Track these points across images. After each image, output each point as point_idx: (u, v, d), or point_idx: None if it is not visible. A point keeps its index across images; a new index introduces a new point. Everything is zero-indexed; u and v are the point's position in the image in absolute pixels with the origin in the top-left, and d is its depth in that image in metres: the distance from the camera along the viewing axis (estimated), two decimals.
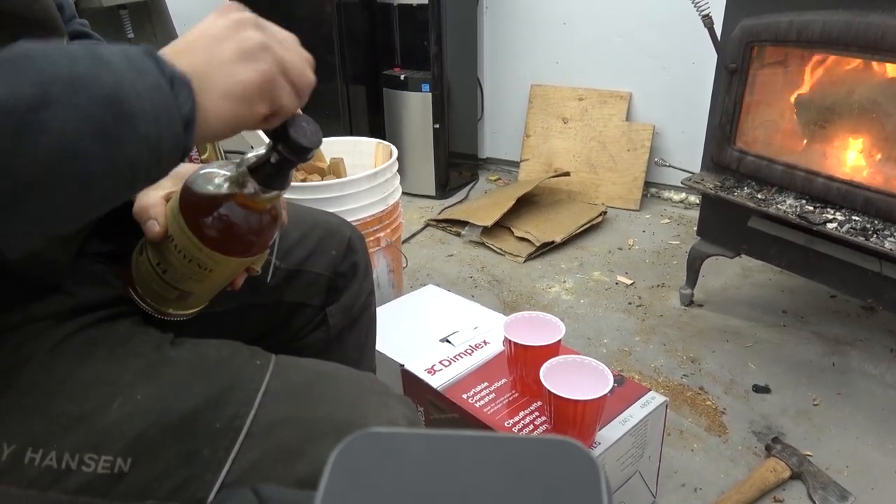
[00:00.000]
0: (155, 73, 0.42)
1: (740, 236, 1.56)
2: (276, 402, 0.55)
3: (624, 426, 0.98)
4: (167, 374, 0.54)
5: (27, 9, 0.53)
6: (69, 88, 0.38)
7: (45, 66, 0.38)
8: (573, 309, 1.78)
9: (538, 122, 2.57)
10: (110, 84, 0.39)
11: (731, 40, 1.44)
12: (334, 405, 0.57)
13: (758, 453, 1.27)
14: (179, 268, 0.58)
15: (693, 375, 1.49)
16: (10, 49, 0.38)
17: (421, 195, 2.56)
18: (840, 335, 1.61)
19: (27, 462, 0.49)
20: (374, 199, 1.49)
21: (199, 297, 0.63)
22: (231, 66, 0.45)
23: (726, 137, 1.52)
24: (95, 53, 0.40)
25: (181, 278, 0.59)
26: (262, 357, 0.59)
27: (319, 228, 0.83)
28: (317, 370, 0.61)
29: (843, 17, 1.24)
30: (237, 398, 0.54)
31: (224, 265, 0.58)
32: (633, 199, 2.39)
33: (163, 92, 0.42)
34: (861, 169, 1.37)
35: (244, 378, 0.56)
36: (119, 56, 0.41)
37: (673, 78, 2.31)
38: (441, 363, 1.12)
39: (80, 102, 0.38)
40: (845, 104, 1.39)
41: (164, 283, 0.60)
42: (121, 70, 0.40)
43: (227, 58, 0.45)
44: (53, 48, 0.40)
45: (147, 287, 0.61)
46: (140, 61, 0.41)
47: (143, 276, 0.61)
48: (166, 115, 0.42)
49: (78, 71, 0.39)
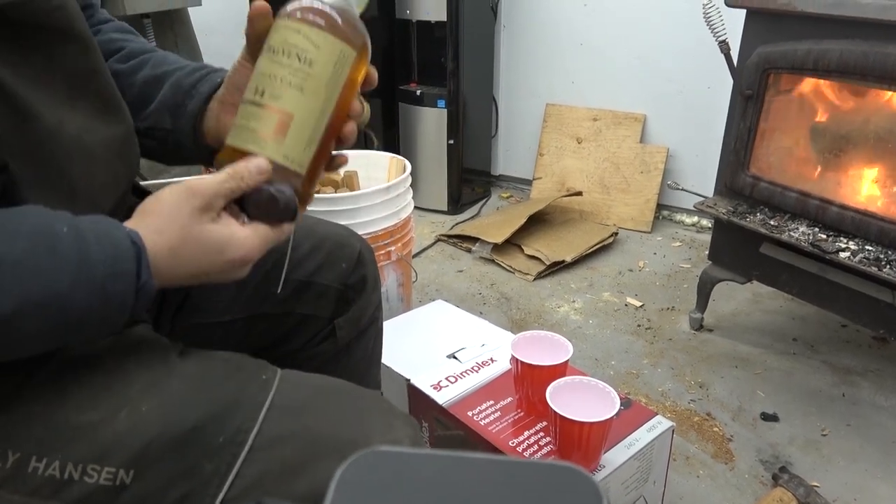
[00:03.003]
0: (127, 291, 0.48)
1: (752, 262, 1.55)
2: (280, 418, 0.55)
3: (629, 450, 0.97)
4: (173, 386, 0.54)
5: (47, 17, 0.53)
6: (34, 310, 0.45)
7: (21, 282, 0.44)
8: (581, 329, 1.77)
9: (552, 142, 2.58)
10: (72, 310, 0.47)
11: (748, 67, 1.44)
12: (338, 423, 0.56)
13: (764, 482, 1.25)
14: (277, 72, 0.54)
15: (701, 401, 1.48)
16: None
17: (433, 210, 2.57)
18: (851, 365, 1.59)
19: (31, 470, 0.49)
20: (386, 213, 1.49)
21: (301, 124, 0.55)
22: (208, 279, 0.54)
23: (740, 163, 1.51)
24: (73, 263, 0.46)
25: (280, 88, 0.54)
26: (268, 372, 0.59)
27: (330, 241, 0.83)
28: (322, 386, 0.61)
29: (861, 48, 1.24)
30: (241, 413, 0.54)
31: (327, 50, 0.55)
32: (644, 220, 2.39)
33: (126, 303, 0.49)
34: (876, 199, 1.36)
35: (249, 393, 0.56)
36: (101, 267, 0.47)
37: (688, 102, 2.31)
38: (447, 379, 1.12)
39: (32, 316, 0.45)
40: (861, 133, 1.39)
41: (259, 109, 0.54)
42: (88, 287, 0.46)
43: (211, 277, 0.54)
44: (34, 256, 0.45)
45: (242, 128, 0.55)
46: (121, 273, 0.48)
47: (240, 117, 0.56)
48: (119, 314, 0.49)
49: (51, 290, 0.45)
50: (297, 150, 0.55)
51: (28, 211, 0.47)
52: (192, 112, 0.68)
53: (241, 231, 0.54)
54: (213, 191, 0.53)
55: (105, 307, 0.47)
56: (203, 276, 0.54)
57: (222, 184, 0.53)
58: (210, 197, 0.52)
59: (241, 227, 0.54)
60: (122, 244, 0.48)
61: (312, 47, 0.55)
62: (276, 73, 0.55)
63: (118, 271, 0.47)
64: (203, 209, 0.52)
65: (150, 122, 0.69)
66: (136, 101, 0.69)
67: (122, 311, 0.49)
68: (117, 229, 0.49)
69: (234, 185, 0.53)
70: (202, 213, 0.52)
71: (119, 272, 0.47)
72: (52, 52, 0.54)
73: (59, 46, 0.55)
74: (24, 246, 0.44)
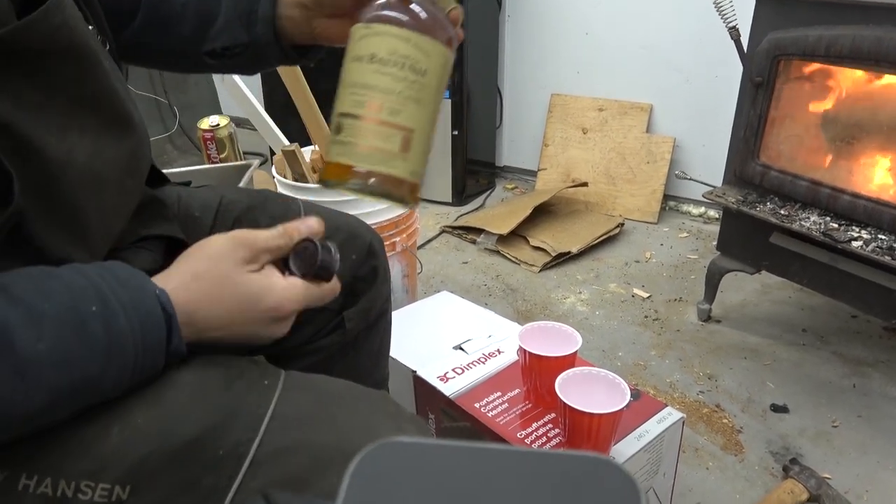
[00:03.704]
0: (157, 361, 0.49)
1: (761, 252, 1.53)
2: (283, 427, 0.52)
3: (639, 442, 0.96)
4: (169, 397, 0.51)
5: (50, 40, 0.49)
6: (68, 397, 0.45)
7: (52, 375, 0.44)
8: (588, 321, 1.76)
9: (557, 132, 2.56)
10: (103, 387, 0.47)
11: (758, 53, 1.42)
12: (344, 431, 0.53)
13: (775, 474, 1.24)
14: (393, 86, 0.52)
15: (710, 392, 1.47)
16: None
17: (437, 201, 2.55)
18: (861, 356, 1.57)
19: (21, 489, 0.47)
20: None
21: (420, 137, 0.55)
22: (244, 332, 0.55)
23: (750, 151, 1.49)
24: (101, 346, 0.46)
25: (398, 103, 0.53)
26: (270, 377, 0.55)
27: (341, 232, 0.82)
28: (327, 391, 0.58)
29: (874, 33, 1.21)
30: (242, 423, 0.51)
31: (435, 57, 0.54)
32: (651, 211, 2.37)
33: (157, 368, 0.49)
34: (888, 187, 1.34)
35: (250, 402, 0.53)
36: (130, 339, 0.47)
37: (695, 91, 2.28)
38: (454, 371, 1.10)
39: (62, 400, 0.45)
40: (873, 121, 1.36)
41: (378, 127, 0.52)
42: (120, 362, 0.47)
43: (247, 329, 0.54)
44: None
45: (369, 149, 0.53)
46: (151, 342, 0.48)
47: (348, 133, 0.54)
48: (149, 378, 0.50)
49: (71, 380, 0.45)
50: (420, 162, 0.55)
51: (53, 288, 0.45)
52: (267, 17, 0.66)
53: (281, 281, 0.55)
54: (262, 246, 0.54)
55: (134, 377, 0.48)
56: (239, 325, 0.54)
57: (273, 240, 0.55)
58: (258, 251, 0.54)
59: (282, 278, 0.55)
60: (152, 314, 0.48)
61: (424, 57, 0.53)
62: (391, 87, 0.52)
63: (148, 345, 0.48)
64: (248, 261, 0.54)
65: (222, 40, 0.67)
66: (197, 24, 0.67)
67: (152, 375, 0.50)
68: (147, 296, 0.48)
69: (284, 242, 0.55)
70: (246, 263, 0.53)
71: (149, 345, 0.48)
72: (55, 75, 0.51)
73: (63, 68, 0.51)
74: (53, 333, 0.43)
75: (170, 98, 2.95)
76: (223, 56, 0.68)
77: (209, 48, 0.68)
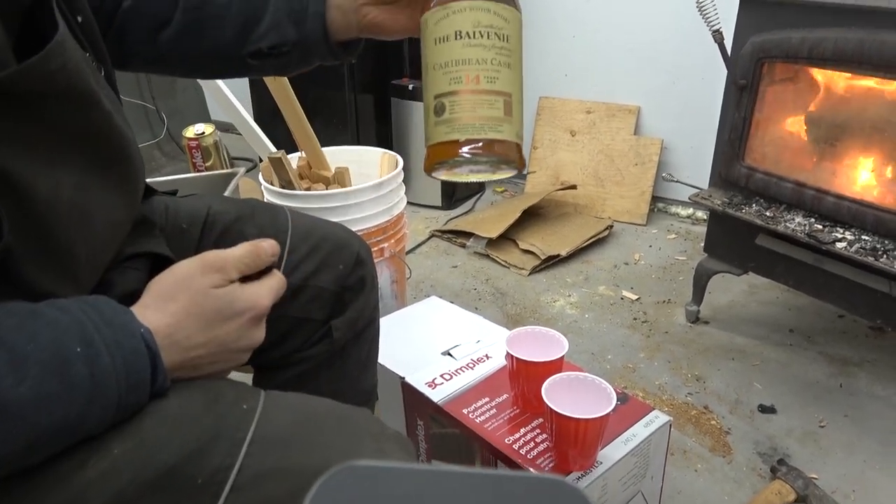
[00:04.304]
0: (141, 399, 0.49)
1: (748, 254, 1.54)
2: (263, 451, 0.51)
3: (626, 445, 0.96)
4: (146, 425, 0.50)
5: (48, 83, 0.47)
6: (49, 439, 0.44)
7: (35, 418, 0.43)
8: (577, 323, 1.76)
9: (546, 135, 2.57)
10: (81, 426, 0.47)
11: (742, 56, 1.43)
12: (326, 453, 0.52)
13: (763, 475, 1.24)
14: (485, 56, 0.54)
15: (698, 394, 1.47)
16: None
17: (427, 205, 2.55)
18: (848, 356, 1.59)
19: None
20: (378, 210, 1.48)
21: (517, 99, 0.57)
22: (226, 347, 0.56)
23: (735, 154, 1.50)
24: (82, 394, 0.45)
25: (493, 71, 0.54)
26: (249, 399, 0.54)
27: (328, 242, 0.81)
28: (308, 412, 0.56)
29: (857, 35, 1.22)
30: (221, 449, 0.50)
31: (513, 21, 0.56)
32: (640, 213, 2.38)
33: (141, 404, 0.49)
34: (872, 188, 1.35)
35: (229, 426, 0.51)
36: (112, 380, 0.46)
37: (682, 93, 2.30)
38: (442, 377, 1.11)
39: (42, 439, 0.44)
40: (856, 122, 1.38)
41: (486, 95, 0.54)
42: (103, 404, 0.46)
43: (229, 341, 0.55)
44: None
45: (477, 118, 0.54)
46: (134, 379, 0.48)
47: (452, 110, 0.55)
48: (131, 414, 0.49)
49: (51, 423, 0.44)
50: (521, 123, 0.57)
51: (37, 328, 0.45)
52: (318, 14, 0.65)
53: (248, 286, 0.57)
54: (231, 263, 0.56)
55: (118, 415, 0.48)
56: (221, 335, 0.55)
57: (241, 259, 0.57)
58: (228, 269, 0.56)
59: (242, 284, 0.58)
60: (136, 352, 0.48)
61: (504, 23, 0.55)
62: (484, 56, 0.54)
63: (132, 384, 0.47)
64: (219, 279, 0.55)
65: (269, 40, 0.66)
66: (242, 23, 0.66)
67: (135, 412, 0.49)
68: (132, 335, 0.48)
69: (251, 259, 0.58)
70: (217, 281, 0.55)
71: (133, 384, 0.48)
72: (49, 115, 0.50)
73: (59, 108, 0.50)
74: (36, 376, 0.43)
75: (157, 104, 2.93)
76: (269, 56, 0.67)
77: (253, 48, 0.67)
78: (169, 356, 0.51)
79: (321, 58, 0.69)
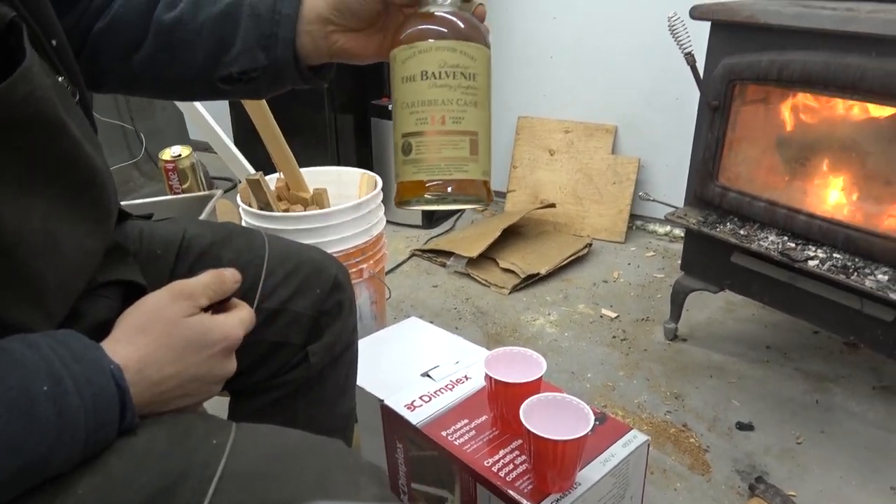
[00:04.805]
0: (109, 437, 0.48)
1: (723, 272, 1.56)
2: (233, 487, 0.49)
3: (605, 466, 0.96)
4: (112, 463, 0.48)
5: (12, 112, 0.46)
6: (14, 480, 0.43)
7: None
8: (557, 342, 1.77)
9: (525, 154, 2.59)
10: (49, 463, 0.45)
11: (714, 78, 1.46)
12: (297, 487, 0.51)
13: (741, 493, 1.25)
14: (450, 96, 0.55)
15: (677, 412, 1.48)
16: None
17: (407, 225, 2.56)
18: (823, 372, 1.61)
19: None
20: (357, 231, 1.48)
21: (483, 137, 0.57)
22: (197, 380, 0.55)
23: (709, 173, 1.53)
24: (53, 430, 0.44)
25: (459, 111, 0.55)
26: (219, 434, 0.53)
27: (306, 266, 0.81)
28: (280, 444, 0.55)
29: (823, 58, 1.26)
30: (189, 486, 0.48)
31: (480, 59, 0.56)
32: (618, 231, 2.40)
33: (109, 441, 0.48)
34: (842, 207, 1.38)
35: (198, 462, 0.50)
36: (81, 425, 0.46)
37: (658, 113, 2.33)
38: (421, 398, 1.10)
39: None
40: (825, 143, 1.41)
41: (451, 136, 0.55)
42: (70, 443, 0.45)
43: (200, 372, 0.55)
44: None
45: (442, 160, 0.55)
46: (104, 419, 0.47)
47: (417, 151, 0.56)
48: (99, 451, 0.48)
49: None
50: (488, 160, 0.58)
51: (4, 365, 0.44)
52: (288, 40, 0.65)
53: (220, 316, 0.58)
54: (200, 291, 0.57)
55: (86, 453, 0.47)
56: (193, 367, 0.54)
57: (208, 286, 0.57)
58: (196, 297, 0.56)
59: (213, 314, 0.58)
60: (105, 389, 0.47)
61: (471, 61, 0.56)
62: (449, 97, 0.55)
63: (101, 422, 0.47)
64: (188, 307, 0.56)
65: (240, 65, 0.66)
66: (212, 47, 0.66)
67: (103, 449, 0.48)
68: (101, 372, 0.48)
69: (217, 287, 0.58)
70: (187, 309, 0.55)
71: (102, 423, 0.47)
72: (15, 144, 0.48)
73: (25, 137, 0.49)
74: (1, 415, 0.42)
75: (136, 124, 2.92)
76: (239, 81, 0.67)
77: (224, 73, 0.67)
78: (139, 392, 0.50)
79: (292, 82, 0.69)
